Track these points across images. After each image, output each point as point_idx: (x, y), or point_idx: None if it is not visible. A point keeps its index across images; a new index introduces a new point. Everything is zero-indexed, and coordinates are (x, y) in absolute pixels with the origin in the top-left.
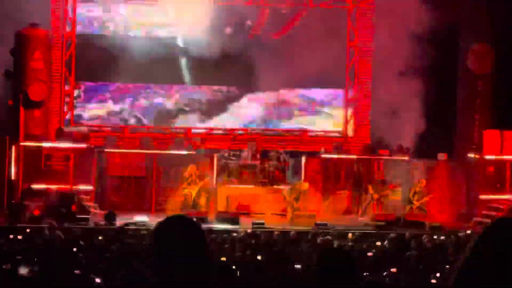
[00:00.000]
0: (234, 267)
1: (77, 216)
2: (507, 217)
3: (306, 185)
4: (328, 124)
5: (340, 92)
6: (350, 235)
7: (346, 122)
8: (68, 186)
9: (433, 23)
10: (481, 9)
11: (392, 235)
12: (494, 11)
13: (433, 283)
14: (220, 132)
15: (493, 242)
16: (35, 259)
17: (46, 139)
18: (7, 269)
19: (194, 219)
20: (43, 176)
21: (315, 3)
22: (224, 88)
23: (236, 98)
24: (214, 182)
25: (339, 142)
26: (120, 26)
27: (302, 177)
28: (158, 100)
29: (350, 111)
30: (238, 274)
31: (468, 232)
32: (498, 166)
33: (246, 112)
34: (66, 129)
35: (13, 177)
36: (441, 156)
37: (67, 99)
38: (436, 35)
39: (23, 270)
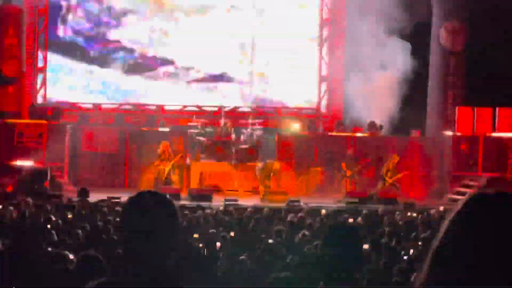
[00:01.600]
0: (201, 244)
1: (50, 192)
2: (483, 192)
3: (278, 164)
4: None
5: (313, 68)
6: (323, 212)
7: (319, 98)
8: (41, 163)
9: (406, 1)
10: None
11: (365, 211)
12: None
13: (405, 259)
14: (193, 108)
15: (469, 218)
16: (7, 234)
17: (19, 116)
18: None
19: (166, 196)
20: (16, 153)
21: None
22: None
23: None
24: (187, 159)
25: (312, 119)
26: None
27: (275, 155)
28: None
29: (323, 88)
30: (205, 253)
31: (441, 208)
32: (471, 143)
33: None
34: (39, 106)
35: None
36: (414, 133)
37: (40, 76)
38: (409, 12)
39: None
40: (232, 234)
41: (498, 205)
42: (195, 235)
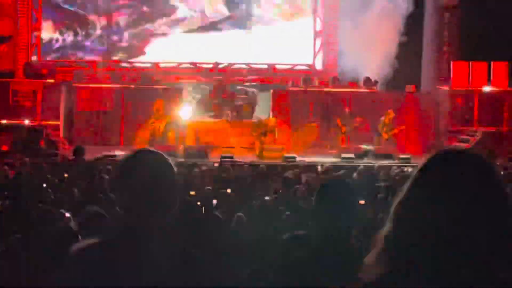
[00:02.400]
0: (199, 202)
1: (46, 151)
2: (447, 150)
3: (273, 120)
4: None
5: (308, 23)
6: (318, 168)
7: (314, 54)
8: (36, 122)
9: None
10: None
11: (361, 167)
12: None
13: None
14: (189, 66)
15: (431, 175)
16: (5, 194)
17: (13, 75)
18: None
19: (162, 153)
20: (11, 112)
21: None
22: None
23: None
24: (182, 116)
25: (307, 75)
26: None
27: (270, 111)
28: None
29: (318, 43)
30: (203, 210)
31: None
32: (466, 98)
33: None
34: (34, 64)
35: None
36: (409, 88)
37: (34, 34)
38: None
39: None
40: (228, 190)
41: (458, 162)
42: (192, 192)
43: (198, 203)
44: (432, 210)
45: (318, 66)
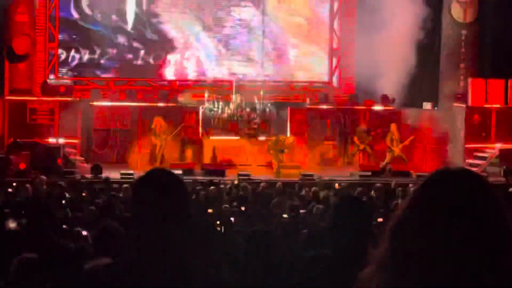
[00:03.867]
0: (218, 222)
1: (63, 169)
2: (446, 168)
3: (291, 138)
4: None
5: (325, 41)
6: (336, 185)
7: (331, 72)
8: (53, 140)
9: None
10: None
11: (378, 184)
12: None
13: None
14: (205, 83)
15: (428, 195)
16: (22, 212)
17: (31, 93)
18: None
19: (176, 173)
20: (29, 130)
21: None
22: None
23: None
24: (200, 134)
25: (325, 93)
26: None
27: (288, 128)
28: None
29: (335, 61)
30: (221, 230)
31: None
32: (483, 115)
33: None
34: (51, 82)
35: None
36: (427, 105)
37: (51, 52)
38: None
39: (11, 224)
40: (245, 208)
41: (459, 180)
42: (210, 210)
43: (218, 222)
44: (428, 230)
45: (335, 83)
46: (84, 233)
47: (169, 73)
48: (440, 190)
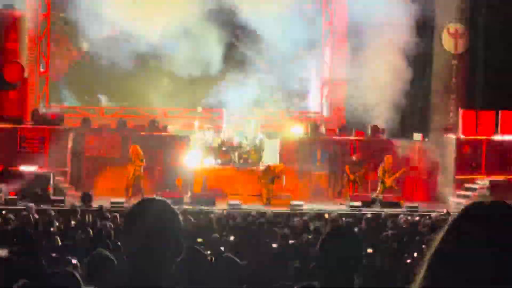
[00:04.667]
0: (208, 252)
1: (53, 197)
2: (480, 202)
3: (281, 167)
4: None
5: (316, 72)
6: (326, 215)
7: (322, 102)
8: (43, 168)
9: (409, 4)
10: None
11: (369, 215)
12: None
13: (408, 263)
14: (195, 112)
15: (466, 226)
16: (14, 240)
17: (21, 121)
18: None
19: (168, 201)
20: (19, 158)
21: None
22: None
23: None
24: (189, 163)
25: (315, 122)
26: None
27: (278, 158)
28: None
29: (325, 91)
30: (211, 258)
31: (444, 211)
32: (474, 146)
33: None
34: (41, 110)
35: None
36: (417, 136)
37: (43, 79)
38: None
39: (1, 252)
40: (235, 238)
41: (494, 214)
42: (199, 240)
43: (208, 252)
44: (467, 262)
45: (325, 113)
46: (74, 261)
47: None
48: (477, 223)
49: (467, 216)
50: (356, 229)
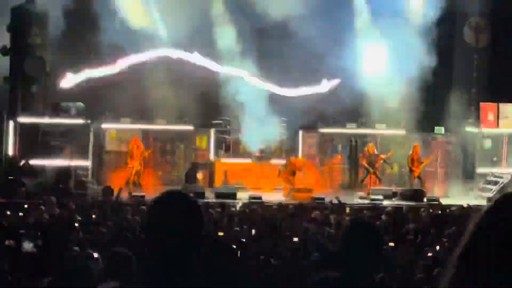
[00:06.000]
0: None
1: (75, 191)
2: (509, 194)
3: (301, 160)
4: None
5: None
6: (347, 209)
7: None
8: (65, 162)
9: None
10: None
11: (389, 208)
12: None
13: (430, 256)
14: None
15: (497, 219)
16: (39, 234)
17: (43, 115)
18: (10, 245)
19: (190, 195)
20: (40, 152)
21: None
22: None
23: None
24: (211, 156)
25: (335, 116)
26: None
27: (299, 151)
28: None
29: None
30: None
31: (465, 205)
32: (495, 139)
33: None
34: (63, 104)
35: (10, 153)
36: (438, 130)
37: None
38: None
39: (27, 246)
40: (256, 231)
41: None
42: (220, 233)
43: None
44: (497, 257)
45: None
46: (95, 255)
47: None
48: (506, 215)
49: (498, 209)
50: (377, 222)
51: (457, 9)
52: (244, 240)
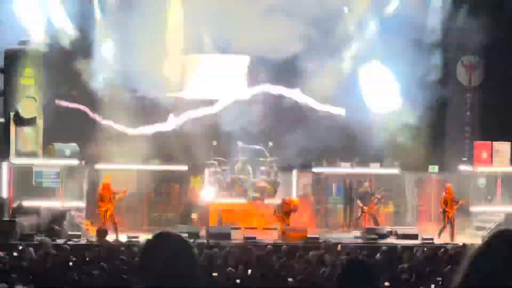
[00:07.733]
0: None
1: (69, 233)
2: (506, 229)
3: (296, 200)
4: None
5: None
6: (339, 246)
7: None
8: (59, 203)
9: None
10: (470, 22)
11: (384, 247)
12: (483, 24)
13: None
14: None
15: (493, 254)
16: (30, 277)
17: (37, 156)
18: None
19: (183, 235)
20: (34, 193)
21: None
22: None
23: None
24: (205, 197)
25: (331, 156)
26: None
27: (294, 191)
28: None
29: None
30: None
31: (460, 244)
32: (489, 178)
33: None
34: (57, 146)
35: (3, 195)
36: (432, 169)
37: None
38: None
39: None
40: (251, 271)
41: None
42: (214, 274)
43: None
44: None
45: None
46: None
47: None
48: (501, 249)
49: (493, 245)
50: (372, 261)
51: (449, 49)
52: (238, 281)
